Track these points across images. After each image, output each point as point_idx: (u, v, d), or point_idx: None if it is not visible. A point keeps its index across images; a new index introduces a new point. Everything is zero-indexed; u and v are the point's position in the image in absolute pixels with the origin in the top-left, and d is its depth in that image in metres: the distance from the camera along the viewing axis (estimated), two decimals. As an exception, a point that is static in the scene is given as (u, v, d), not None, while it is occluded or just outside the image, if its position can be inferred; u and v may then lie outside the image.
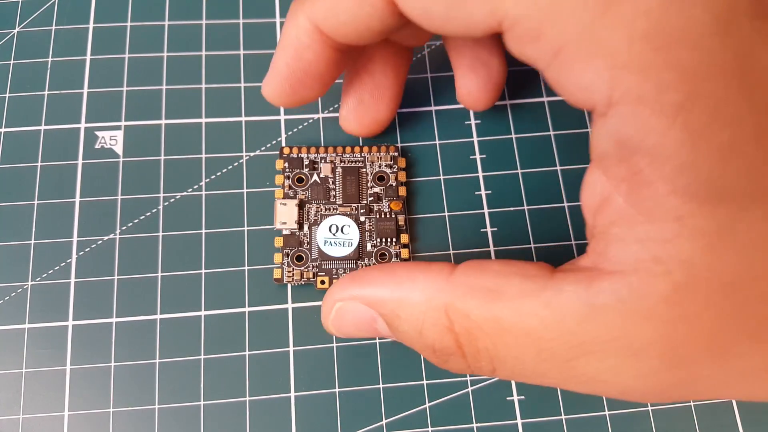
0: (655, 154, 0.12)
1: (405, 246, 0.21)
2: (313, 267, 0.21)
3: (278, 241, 0.21)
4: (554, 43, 0.14)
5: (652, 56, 0.12)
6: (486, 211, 0.22)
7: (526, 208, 0.22)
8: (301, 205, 0.21)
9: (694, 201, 0.12)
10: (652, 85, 0.12)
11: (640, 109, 0.13)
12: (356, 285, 0.16)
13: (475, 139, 0.23)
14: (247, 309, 0.21)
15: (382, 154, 0.22)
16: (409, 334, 0.15)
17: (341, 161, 0.22)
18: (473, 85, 0.21)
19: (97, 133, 0.22)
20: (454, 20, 0.15)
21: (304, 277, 0.20)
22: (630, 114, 0.13)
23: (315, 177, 0.22)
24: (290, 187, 0.21)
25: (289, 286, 0.21)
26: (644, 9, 0.12)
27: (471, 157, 0.23)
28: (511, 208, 0.22)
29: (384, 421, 0.19)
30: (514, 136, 0.23)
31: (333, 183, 0.22)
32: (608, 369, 0.13)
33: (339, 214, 0.21)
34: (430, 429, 0.19)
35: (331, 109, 0.23)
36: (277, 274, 0.21)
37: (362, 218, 0.21)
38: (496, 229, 0.22)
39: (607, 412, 0.20)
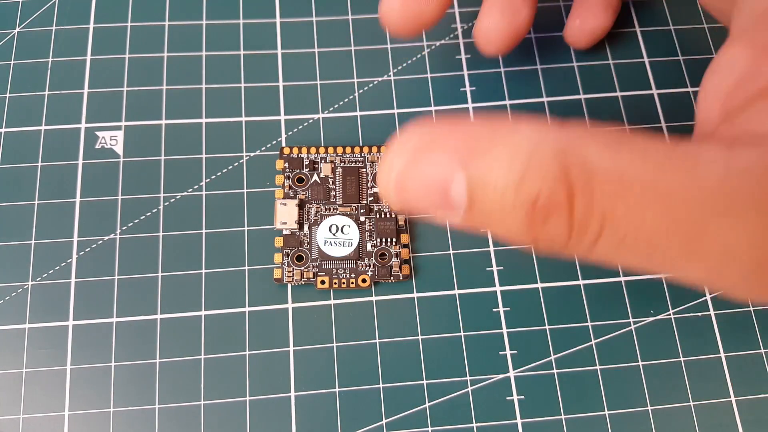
0: None
1: (405, 246, 0.21)
2: (313, 267, 0.21)
3: (278, 241, 0.21)
4: None
5: None
6: (486, 211, 0.22)
7: (526, 208, 0.22)
8: (301, 205, 0.21)
9: None
10: None
11: None
12: (440, 126, 0.13)
13: (475, 139, 0.23)
14: (247, 309, 0.21)
15: (382, 154, 0.22)
16: (499, 189, 0.12)
17: (341, 161, 0.22)
18: (495, 25, 0.20)
19: (98, 133, 0.22)
20: None
21: (304, 277, 0.21)
22: None
23: (315, 177, 0.22)
24: (290, 187, 0.21)
25: (289, 286, 0.21)
26: None
27: (471, 157, 0.23)
28: (511, 208, 0.22)
29: (384, 421, 0.19)
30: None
31: (333, 183, 0.22)
32: (744, 237, 0.11)
33: (339, 214, 0.21)
34: (430, 429, 0.19)
35: (331, 109, 0.23)
36: (277, 274, 0.21)
37: (362, 218, 0.21)
38: (496, 229, 0.22)
39: (607, 412, 0.20)
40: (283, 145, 0.22)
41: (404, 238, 0.21)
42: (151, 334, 0.20)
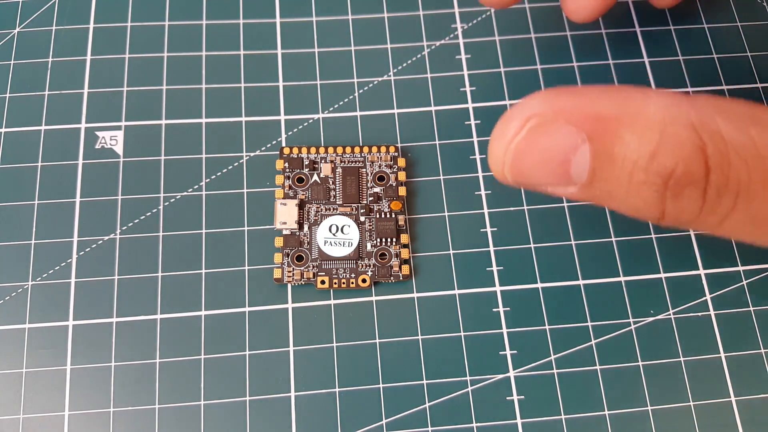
0: None
1: (405, 246, 0.21)
2: (313, 267, 0.21)
3: (278, 241, 0.21)
4: None
5: None
6: (486, 211, 0.22)
7: (526, 208, 0.22)
8: (301, 205, 0.21)
9: None
10: None
11: None
12: (566, 96, 0.12)
13: (475, 139, 0.23)
14: (247, 309, 0.21)
15: (382, 154, 0.22)
16: (629, 162, 0.11)
17: (341, 161, 0.22)
18: None
19: (98, 133, 0.22)
20: None
21: (304, 277, 0.21)
22: None
23: (315, 177, 0.22)
24: (290, 187, 0.21)
25: (289, 286, 0.21)
26: None
27: (471, 157, 0.23)
28: (511, 208, 0.22)
29: (384, 421, 0.19)
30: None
31: (333, 183, 0.22)
32: None
33: (339, 214, 0.21)
34: (430, 429, 0.19)
35: (331, 109, 0.23)
36: (277, 274, 0.21)
37: (362, 218, 0.21)
38: (496, 229, 0.22)
39: (606, 412, 0.20)
40: (283, 145, 0.22)
41: (404, 238, 0.21)
42: (151, 334, 0.20)
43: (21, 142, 0.22)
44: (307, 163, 0.22)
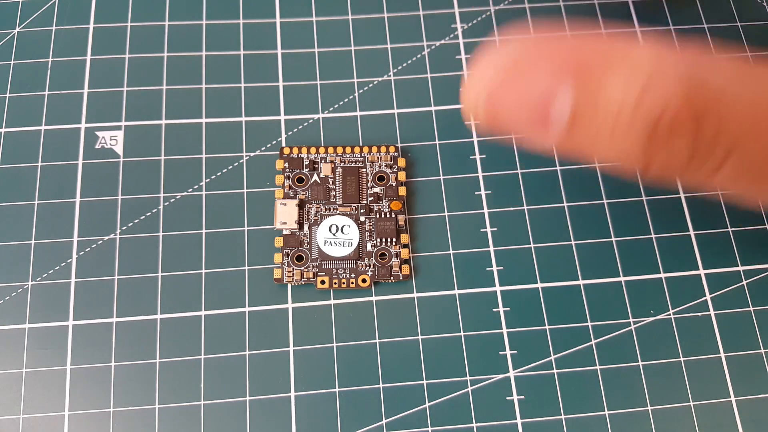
0: None
1: (405, 246, 0.21)
2: (313, 267, 0.21)
3: (278, 241, 0.21)
4: None
5: None
6: (486, 211, 0.22)
7: (526, 208, 0.22)
8: (301, 205, 0.21)
9: None
10: None
11: None
12: (545, 38, 0.12)
13: (475, 139, 0.23)
14: (247, 309, 0.21)
15: (382, 154, 0.22)
16: (615, 103, 0.11)
17: (341, 161, 0.22)
18: None
19: (98, 133, 0.22)
20: None
21: (304, 277, 0.21)
22: None
23: (315, 177, 0.22)
24: (290, 187, 0.21)
25: (289, 286, 0.21)
26: None
27: (471, 157, 0.23)
28: (511, 208, 0.22)
29: (384, 421, 0.19)
30: (514, 136, 0.23)
31: (333, 183, 0.22)
32: None
33: (339, 214, 0.21)
34: (430, 429, 0.19)
35: (331, 109, 0.23)
36: (277, 274, 0.21)
37: (362, 218, 0.21)
38: (496, 229, 0.22)
39: (607, 412, 0.20)
40: (283, 145, 0.22)
41: (404, 238, 0.21)
42: (151, 334, 0.20)
43: (21, 142, 0.22)
44: (307, 163, 0.22)
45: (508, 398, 0.20)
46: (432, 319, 0.20)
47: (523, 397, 0.20)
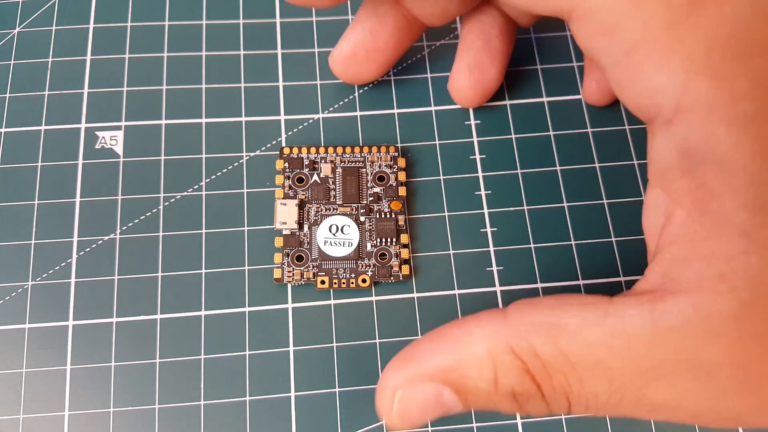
0: (723, 166, 0.12)
1: (405, 246, 0.21)
2: (313, 267, 0.21)
3: (278, 241, 0.21)
4: (629, 40, 0.13)
5: (730, 64, 0.12)
6: (486, 211, 0.22)
7: (526, 208, 0.22)
8: (301, 205, 0.21)
9: (762, 215, 0.12)
10: (726, 93, 0.12)
11: (711, 117, 0.12)
12: (411, 364, 0.15)
13: (475, 139, 0.23)
14: (247, 309, 0.21)
15: (382, 154, 0.22)
16: (483, 392, 0.14)
17: (341, 161, 0.22)
18: (464, 84, 0.21)
19: (98, 133, 0.22)
20: None
21: (304, 277, 0.21)
22: (699, 122, 0.12)
23: (315, 177, 0.22)
24: (290, 187, 0.21)
25: (289, 286, 0.21)
26: (730, 16, 0.12)
27: (471, 157, 0.23)
28: (511, 208, 0.22)
29: (384, 421, 0.19)
30: (514, 136, 0.23)
31: (333, 183, 0.22)
32: (680, 393, 0.13)
33: (339, 214, 0.21)
34: (430, 429, 0.19)
35: (331, 109, 0.23)
36: (277, 274, 0.21)
37: (362, 218, 0.21)
38: (496, 229, 0.22)
39: (607, 412, 0.20)
40: (283, 145, 0.22)
41: (404, 238, 0.21)
42: (151, 334, 0.20)
43: (21, 142, 0.22)
44: (307, 163, 0.22)
45: (508, 398, 0.20)
46: (432, 319, 0.20)
47: (523, 397, 0.20)
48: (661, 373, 0.13)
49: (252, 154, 0.22)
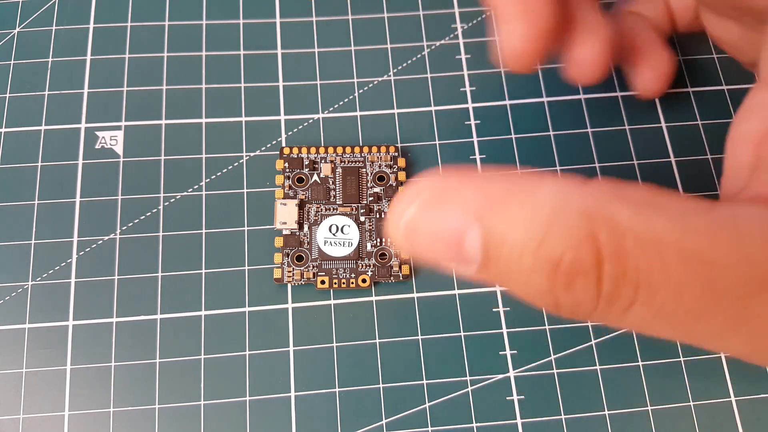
0: None
1: (405, 246, 0.21)
2: (313, 267, 0.21)
3: (278, 241, 0.21)
4: None
5: None
6: (486, 211, 0.22)
7: (526, 208, 0.22)
8: (301, 205, 0.21)
9: None
10: None
11: None
12: (454, 179, 0.12)
13: (475, 139, 0.23)
14: (247, 309, 0.21)
15: (382, 154, 0.22)
16: (517, 248, 0.11)
17: (341, 161, 0.22)
18: (649, 77, 0.21)
19: (98, 133, 0.22)
20: None
21: (304, 277, 0.21)
22: None
23: (315, 177, 0.22)
24: (290, 187, 0.21)
25: (289, 286, 0.21)
26: None
27: (471, 156, 0.23)
28: (511, 208, 0.22)
29: (384, 421, 0.19)
30: (513, 136, 0.23)
31: (333, 183, 0.22)
32: None
33: (339, 214, 0.21)
34: (430, 429, 0.19)
35: (331, 109, 0.23)
36: (277, 274, 0.21)
37: (362, 218, 0.21)
38: (496, 229, 0.22)
39: (606, 412, 0.20)
40: (283, 145, 0.22)
41: (404, 238, 0.21)
42: (151, 334, 0.20)
43: (21, 142, 0.22)
44: (307, 163, 0.22)
45: (508, 398, 0.20)
46: (432, 319, 0.20)
47: (523, 397, 0.20)
48: None
49: (252, 154, 0.22)
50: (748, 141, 0.12)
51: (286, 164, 0.22)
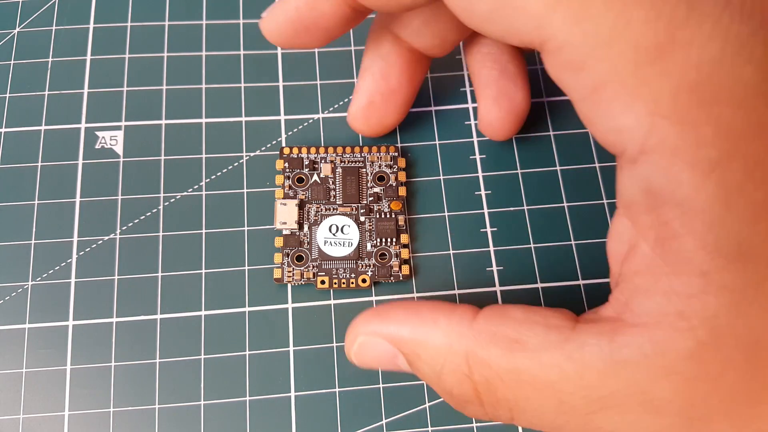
0: (685, 208, 0.12)
1: (405, 246, 0.21)
2: (313, 267, 0.21)
3: (278, 241, 0.21)
4: (596, 78, 0.13)
5: (695, 110, 0.12)
6: (486, 211, 0.22)
7: (526, 208, 0.22)
8: (301, 205, 0.21)
9: (721, 257, 0.12)
10: (690, 138, 0.12)
11: (675, 160, 0.12)
12: (379, 321, 0.16)
13: (475, 139, 0.23)
14: (247, 309, 0.21)
15: (382, 154, 0.22)
16: (428, 375, 0.15)
17: (341, 161, 0.22)
18: (495, 116, 0.21)
19: (98, 133, 0.22)
20: (496, 23, 0.14)
21: (304, 277, 0.21)
22: (663, 164, 0.12)
23: (315, 177, 0.22)
24: (290, 187, 0.21)
25: (289, 286, 0.21)
26: (696, 61, 0.12)
27: (471, 157, 0.23)
28: (511, 208, 0.22)
29: (384, 421, 0.19)
30: (514, 136, 0.23)
31: (333, 183, 0.22)
32: (627, 424, 0.13)
33: (339, 214, 0.21)
34: (429, 429, 0.19)
35: (331, 109, 0.23)
36: (277, 274, 0.21)
37: (362, 218, 0.21)
38: (496, 229, 0.22)
39: (607, 412, 0.20)
40: (283, 145, 0.22)
41: (404, 238, 0.21)
42: (151, 334, 0.20)
43: (21, 142, 0.22)
44: (307, 163, 0.22)
45: (508, 398, 0.20)
46: (432, 319, 0.20)
47: (523, 397, 0.20)
48: (610, 403, 0.13)
49: (252, 154, 0.22)
50: (615, 260, 0.15)
51: (286, 164, 0.22)
